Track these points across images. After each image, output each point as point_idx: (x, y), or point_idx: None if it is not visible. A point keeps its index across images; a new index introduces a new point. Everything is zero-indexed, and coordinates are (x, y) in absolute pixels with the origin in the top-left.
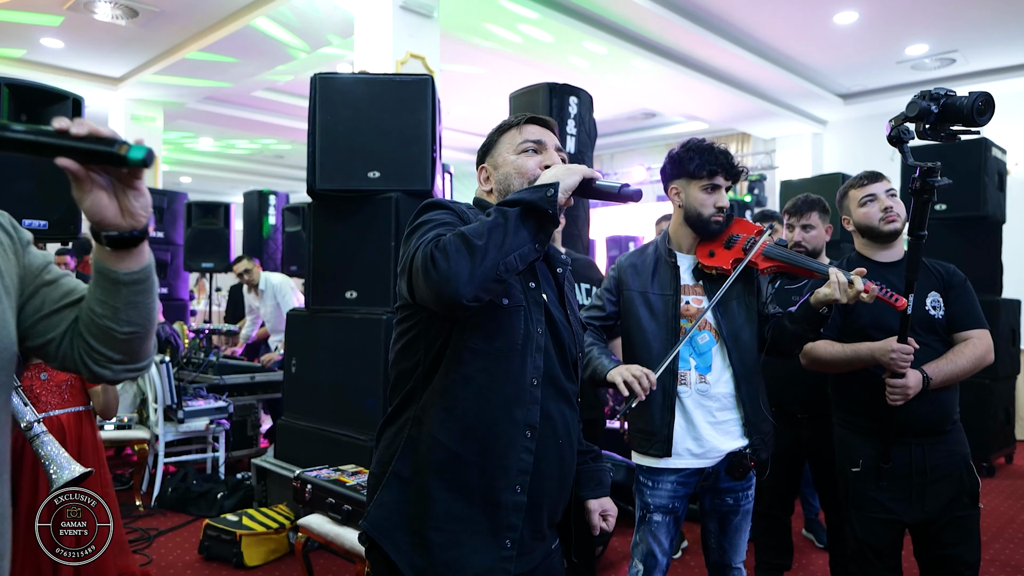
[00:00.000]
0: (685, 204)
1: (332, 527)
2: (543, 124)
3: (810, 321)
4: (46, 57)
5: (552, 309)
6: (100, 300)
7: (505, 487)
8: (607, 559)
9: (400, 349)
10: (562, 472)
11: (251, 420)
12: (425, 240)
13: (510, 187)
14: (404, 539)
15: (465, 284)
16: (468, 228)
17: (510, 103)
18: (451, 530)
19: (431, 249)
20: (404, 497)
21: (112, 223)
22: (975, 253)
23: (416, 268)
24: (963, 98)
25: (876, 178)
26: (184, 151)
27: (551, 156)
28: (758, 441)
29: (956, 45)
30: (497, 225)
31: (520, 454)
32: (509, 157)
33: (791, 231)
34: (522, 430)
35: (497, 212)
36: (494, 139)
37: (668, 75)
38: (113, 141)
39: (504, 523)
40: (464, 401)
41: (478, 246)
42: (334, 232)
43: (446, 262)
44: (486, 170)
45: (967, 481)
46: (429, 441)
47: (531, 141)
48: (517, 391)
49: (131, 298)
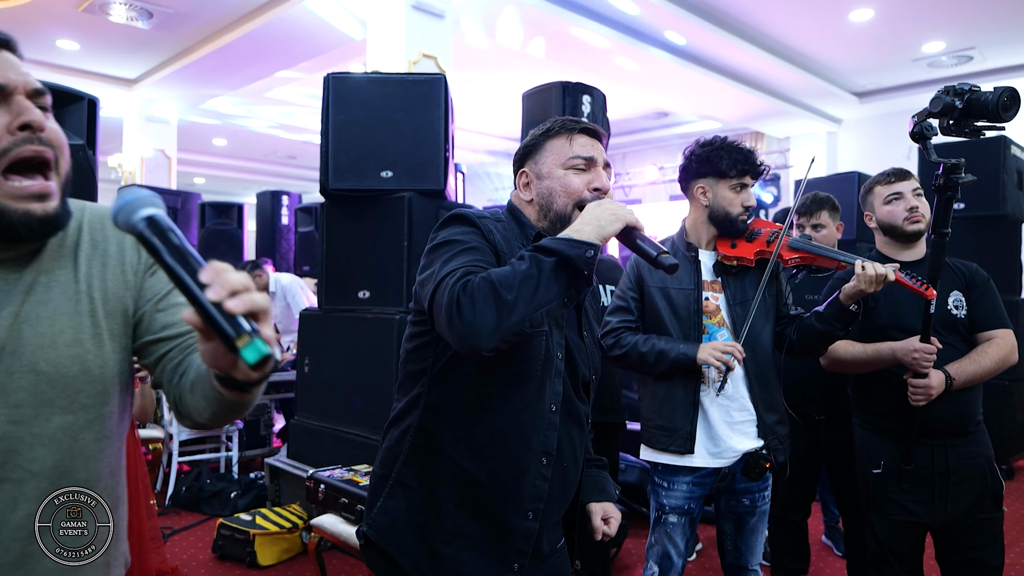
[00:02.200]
0: (712, 203)
1: (345, 527)
2: (594, 136)
3: (840, 319)
4: (61, 59)
5: (569, 331)
6: (202, 394)
7: (516, 512)
8: (622, 561)
9: (411, 349)
10: (565, 494)
11: (264, 420)
12: (453, 272)
13: (553, 203)
14: (412, 546)
15: (488, 337)
16: (499, 275)
17: (523, 102)
18: (460, 545)
19: (458, 293)
20: (411, 505)
21: (227, 372)
22: (994, 252)
23: (439, 305)
24: (988, 93)
25: (903, 176)
26: (198, 152)
27: (600, 176)
28: (775, 442)
29: (973, 42)
30: (529, 277)
31: (535, 481)
32: (556, 171)
33: (801, 231)
34: (538, 457)
35: (531, 261)
36: (539, 143)
37: (682, 74)
38: (240, 328)
39: (513, 548)
40: (480, 423)
41: (507, 300)
42: (347, 232)
43: (472, 311)
44: (527, 175)
45: (990, 483)
46: (442, 458)
47: (581, 158)
48: (534, 417)
49: (226, 408)
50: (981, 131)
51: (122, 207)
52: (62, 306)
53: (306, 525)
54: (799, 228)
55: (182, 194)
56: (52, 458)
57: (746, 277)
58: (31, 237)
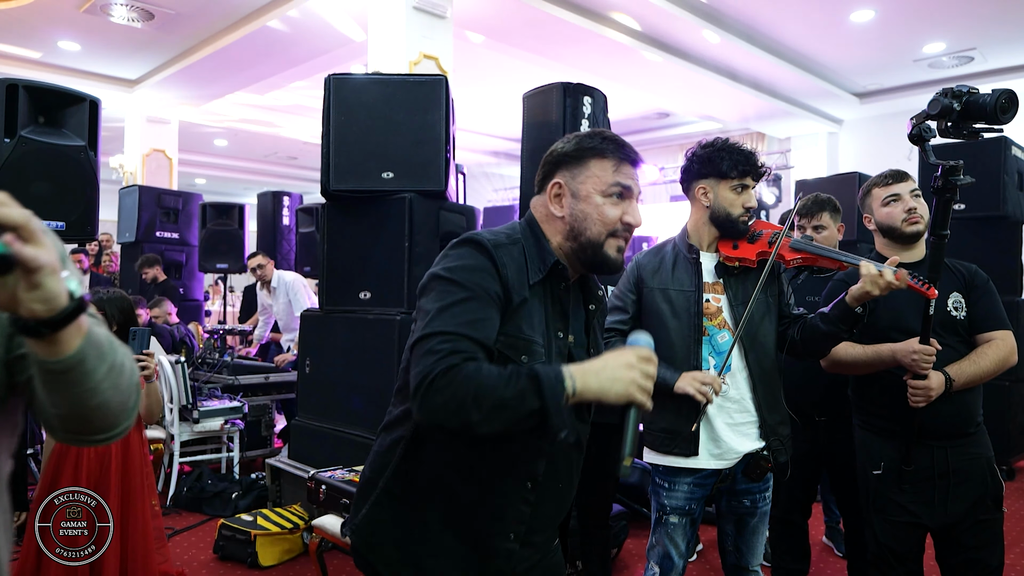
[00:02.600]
0: (713, 204)
1: None
2: (635, 163)
3: (846, 320)
4: (63, 59)
5: (575, 352)
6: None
7: (499, 534)
8: (623, 561)
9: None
10: (558, 510)
11: (265, 420)
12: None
13: (587, 230)
14: (394, 554)
15: (445, 427)
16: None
17: (523, 103)
18: (442, 558)
19: (436, 375)
20: (396, 517)
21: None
22: (994, 253)
23: (415, 368)
24: (986, 95)
25: (901, 177)
26: (199, 152)
27: (634, 211)
28: (776, 443)
29: (974, 43)
30: (507, 408)
31: (519, 506)
32: (595, 197)
33: (802, 232)
34: (523, 482)
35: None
36: (583, 157)
37: (682, 74)
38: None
39: (494, 568)
40: (467, 445)
41: (474, 420)
42: (348, 232)
43: (438, 403)
44: (560, 188)
45: (991, 484)
46: (429, 475)
47: (622, 186)
48: (522, 447)
49: (53, 383)
50: (979, 133)
51: None
52: None
53: (307, 525)
54: (800, 229)
55: (183, 195)
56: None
57: (748, 278)
58: None
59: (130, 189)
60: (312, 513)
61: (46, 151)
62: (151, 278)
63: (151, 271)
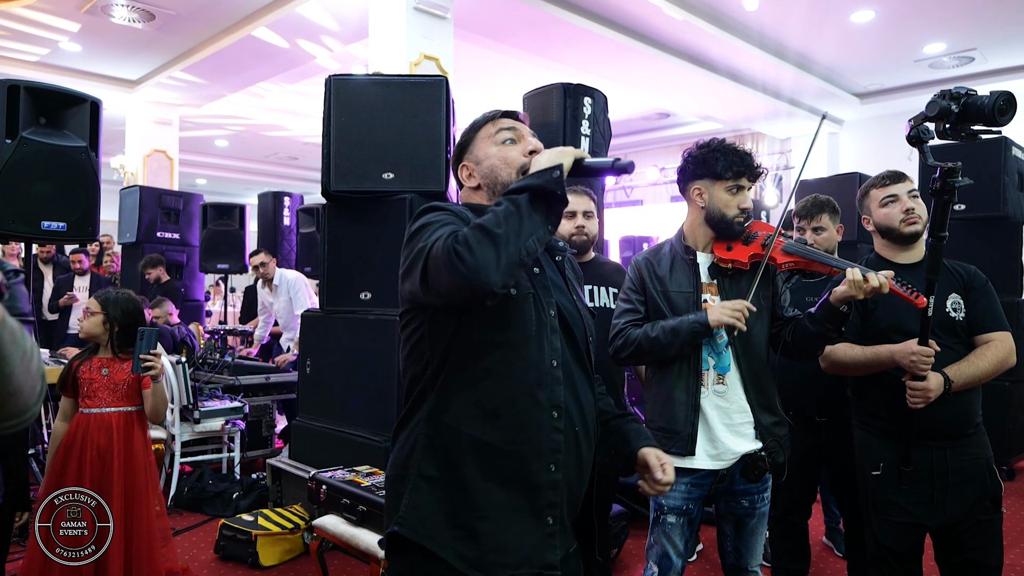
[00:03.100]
0: (708, 205)
1: (347, 528)
2: (514, 117)
3: (831, 320)
4: (64, 60)
5: (559, 296)
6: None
7: (540, 468)
8: (622, 561)
9: (408, 355)
10: (580, 460)
11: (266, 420)
12: (439, 236)
13: (497, 178)
14: (447, 534)
15: (494, 272)
16: (483, 220)
17: (524, 104)
18: (496, 517)
19: (451, 243)
20: (438, 495)
21: None
22: (995, 254)
23: (437, 264)
24: (984, 97)
25: (898, 178)
26: (199, 153)
27: (531, 142)
28: (773, 444)
29: (975, 43)
30: (511, 213)
31: (550, 435)
32: (491, 150)
33: (801, 234)
34: (548, 411)
35: (508, 201)
36: (469, 137)
37: (683, 75)
38: None
39: (544, 502)
40: (488, 393)
41: (499, 234)
42: (348, 233)
43: (471, 254)
44: (467, 167)
45: (990, 485)
46: (455, 436)
47: (508, 130)
48: (538, 375)
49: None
50: (977, 135)
51: None
52: None
53: (308, 526)
54: (799, 231)
55: (184, 195)
56: None
57: (742, 279)
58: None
59: (131, 189)
60: (313, 513)
61: (47, 152)
62: (154, 279)
63: (154, 271)
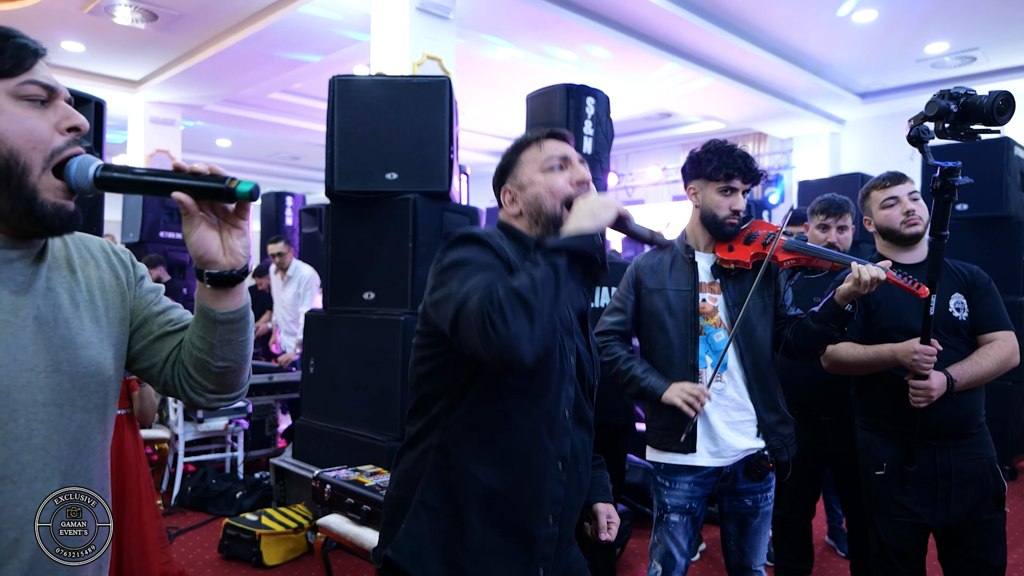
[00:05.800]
0: (701, 205)
1: (351, 527)
2: (562, 138)
3: (836, 319)
4: (67, 60)
5: (577, 340)
6: (199, 335)
7: (539, 519)
8: (625, 560)
9: (424, 375)
10: (579, 496)
11: (269, 420)
12: (474, 289)
13: (542, 207)
14: (438, 568)
15: (527, 345)
16: (519, 284)
17: (527, 104)
18: (488, 561)
19: (487, 310)
20: (435, 526)
21: (214, 259)
22: (997, 253)
23: (468, 324)
24: (983, 97)
25: (899, 180)
26: (202, 153)
27: (579, 171)
28: (776, 442)
29: (977, 43)
30: (548, 279)
31: (554, 486)
32: (536, 177)
33: (825, 231)
34: (555, 462)
35: (546, 264)
36: (512, 159)
37: (685, 75)
38: (224, 177)
39: (539, 554)
40: (501, 437)
41: (535, 305)
42: (351, 233)
43: (505, 326)
44: (510, 192)
45: (993, 485)
46: (463, 475)
47: (556, 157)
48: (551, 424)
49: (226, 336)
50: (977, 134)
51: (75, 177)
52: (72, 309)
53: (312, 525)
54: (822, 228)
55: None
56: (70, 457)
57: (744, 279)
58: (56, 230)
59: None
60: (316, 513)
61: None
62: (155, 278)
63: (155, 271)
